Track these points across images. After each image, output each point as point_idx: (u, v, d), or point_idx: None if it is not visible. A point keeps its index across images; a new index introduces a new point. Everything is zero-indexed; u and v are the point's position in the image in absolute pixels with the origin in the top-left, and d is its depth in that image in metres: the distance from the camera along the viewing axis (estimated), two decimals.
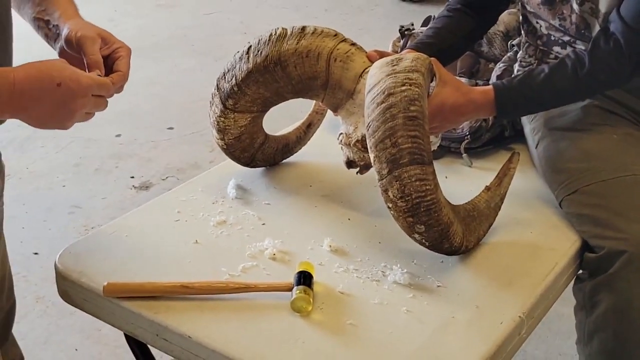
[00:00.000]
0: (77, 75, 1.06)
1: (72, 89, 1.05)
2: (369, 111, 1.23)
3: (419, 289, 1.24)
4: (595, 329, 1.38)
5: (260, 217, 1.42)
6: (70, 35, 1.17)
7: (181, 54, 4.33)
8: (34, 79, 1.03)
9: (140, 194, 2.94)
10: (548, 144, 1.55)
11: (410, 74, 1.24)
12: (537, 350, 2.17)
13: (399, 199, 1.20)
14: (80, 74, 1.06)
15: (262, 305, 1.19)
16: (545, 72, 1.41)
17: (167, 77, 4.00)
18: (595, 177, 1.43)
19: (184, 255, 1.31)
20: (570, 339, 2.15)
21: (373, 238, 1.37)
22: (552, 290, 1.30)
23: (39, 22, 1.21)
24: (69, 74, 1.05)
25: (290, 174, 1.59)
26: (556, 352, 2.17)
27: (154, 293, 1.20)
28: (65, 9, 1.21)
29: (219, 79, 1.44)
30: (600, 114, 1.54)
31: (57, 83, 1.03)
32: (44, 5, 1.20)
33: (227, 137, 1.47)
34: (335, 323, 1.16)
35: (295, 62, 1.38)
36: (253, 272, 1.27)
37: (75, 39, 1.16)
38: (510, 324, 1.17)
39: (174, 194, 1.52)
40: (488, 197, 1.36)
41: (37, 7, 1.20)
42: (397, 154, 1.19)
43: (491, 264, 1.31)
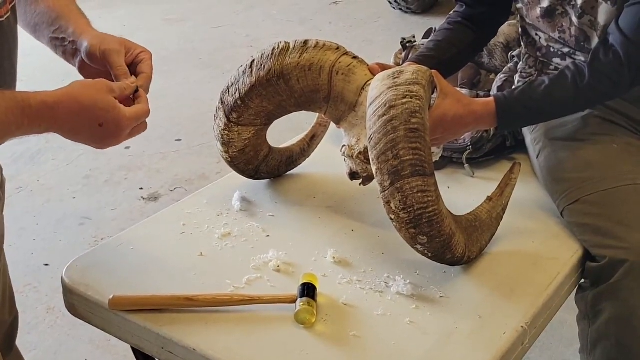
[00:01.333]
0: (119, 118, 1.08)
1: (112, 130, 1.08)
2: (371, 123, 1.22)
3: (422, 300, 1.22)
4: (599, 338, 1.37)
5: (264, 229, 1.41)
6: (94, 49, 1.17)
7: (189, 67, 4.34)
8: (76, 115, 1.04)
9: (149, 205, 2.94)
10: (549, 154, 1.54)
11: (411, 86, 1.23)
12: (540, 357, 2.15)
13: (401, 210, 1.19)
14: (123, 116, 1.08)
15: (266, 318, 1.18)
16: (546, 83, 1.39)
17: (176, 89, 4.01)
18: (596, 186, 1.42)
19: (189, 267, 1.30)
20: (574, 346, 2.13)
21: (376, 249, 1.36)
22: (554, 300, 1.29)
23: (55, 42, 1.21)
24: (112, 116, 1.07)
25: (294, 185, 1.58)
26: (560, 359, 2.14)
27: (159, 306, 1.18)
28: (78, 24, 1.22)
29: (223, 93, 1.44)
30: (600, 123, 1.53)
31: (99, 123, 1.06)
32: (57, 24, 1.21)
33: (232, 150, 1.46)
34: (339, 335, 1.15)
35: (298, 76, 1.37)
36: (257, 284, 1.26)
37: (100, 53, 1.17)
38: (513, 334, 1.16)
39: (180, 206, 1.51)
40: (490, 208, 1.34)
41: (52, 27, 1.21)
42: (399, 165, 1.18)
43: (493, 274, 1.29)
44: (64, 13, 1.22)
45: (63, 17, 1.22)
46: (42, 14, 1.21)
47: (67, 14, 1.23)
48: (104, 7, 5.43)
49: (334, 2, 5.56)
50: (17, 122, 1.00)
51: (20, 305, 1.36)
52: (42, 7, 1.22)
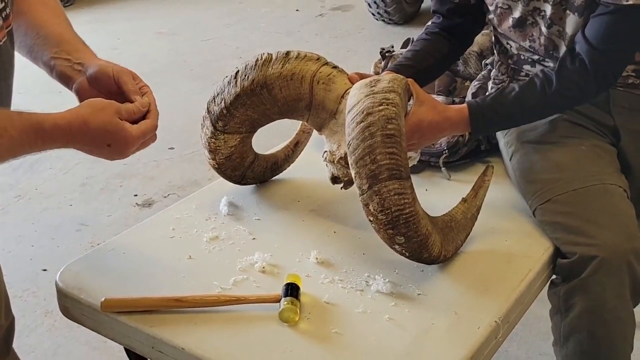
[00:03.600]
0: (126, 139, 1.12)
1: (120, 150, 1.12)
2: (349, 130, 1.23)
3: (401, 298, 1.23)
4: (571, 331, 1.37)
5: (250, 232, 1.41)
6: (108, 71, 1.21)
7: (181, 78, 4.33)
8: (85, 136, 1.09)
9: (143, 211, 2.93)
10: (521, 157, 1.55)
11: (388, 94, 1.23)
12: (519, 350, 2.15)
13: (379, 212, 1.19)
14: (129, 136, 1.12)
15: (252, 317, 1.18)
16: (516, 90, 1.40)
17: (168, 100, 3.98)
18: (566, 186, 1.43)
19: (178, 270, 1.30)
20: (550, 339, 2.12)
21: (357, 250, 1.36)
22: (526, 295, 1.29)
23: (57, 61, 1.22)
24: (119, 137, 1.11)
25: (279, 190, 1.58)
26: (537, 352, 2.15)
27: (149, 307, 1.18)
28: (86, 51, 1.25)
29: (209, 103, 1.44)
30: (568, 127, 1.54)
31: (107, 144, 1.11)
32: (62, 47, 1.22)
33: (218, 157, 1.46)
34: (321, 332, 1.15)
35: (280, 85, 1.38)
36: (244, 285, 1.26)
37: (114, 74, 1.21)
38: (487, 328, 1.16)
39: (169, 212, 1.51)
40: (465, 209, 1.35)
41: (54, 48, 1.22)
42: (376, 170, 1.18)
43: (469, 272, 1.30)
44: (70, 40, 1.24)
45: (70, 43, 1.23)
46: (45, 37, 1.22)
47: (74, 41, 1.25)
48: (98, 22, 5.42)
49: (320, 15, 5.57)
50: (30, 142, 1.04)
51: (19, 310, 1.36)
52: (46, 32, 1.23)
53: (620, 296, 1.32)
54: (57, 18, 1.25)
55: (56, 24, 1.24)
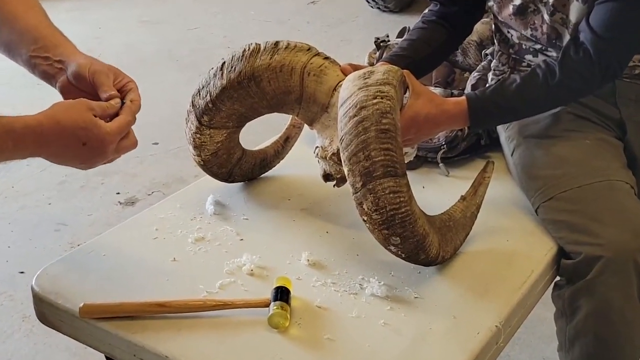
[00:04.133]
0: (102, 135, 1.10)
1: (96, 147, 1.10)
2: (342, 125, 1.22)
3: (397, 301, 1.22)
4: (577, 335, 1.37)
5: (238, 233, 1.41)
6: (83, 69, 1.19)
7: (166, 69, 4.32)
8: (58, 136, 1.07)
9: (126, 209, 2.92)
10: (523, 152, 1.55)
11: (382, 86, 1.22)
12: (521, 354, 2.15)
13: (373, 211, 1.19)
14: (104, 132, 1.10)
15: (240, 322, 1.17)
16: (517, 82, 1.40)
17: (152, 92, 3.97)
18: (570, 183, 1.43)
19: (162, 273, 1.29)
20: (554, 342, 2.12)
21: (351, 251, 1.36)
22: (529, 298, 1.29)
23: (36, 60, 1.20)
24: (94, 134, 1.09)
25: (269, 188, 1.58)
26: (540, 356, 2.15)
27: (130, 313, 1.18)
28: (66, 46, 1.23)
29: (193, 96, 1.43)
30: (572, 120, 1.54)
31: (82, 143, 1.09)
32: (40, 43, 1.20)
33: (204, 153, 1.45)
34: (313, 338, 1.14)
35: (269, 77, 1.37)
36: (231, 289, 1.25)
37: (89, 73, 1.18)
38: (487, 333, 1.16)
39: (152, 211, 1.50)
40: (464, 207, 1.35)
41: (32, 45, 1.21)
42: (370, 167, 1.18)
43: (468, 274, 1.30)
44: (48, 34, 1.22)
45: (47, 38, 1.22)
46: (20, 33, 1.21)
47: (51, 36, 1.23)
48: (79, 10, 5.39)
49: (312, 2, 5.55)
50: (1, 145, 1.02)
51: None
52: (21, 26, 1.21)
53: (627, 297, 1.32)
54: (32, 9, 1.23)
55: (31, 16, 1.22)
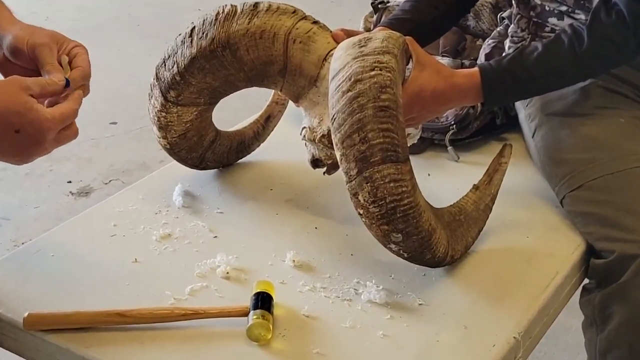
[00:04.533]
0: (40, 121, 1.06)
1: (32, 135, 1.06)
2: (334, 101, 1.22)
3: (398, 309, 1.23)
4: (609, 347, 1.38)
5: (211, 229, 1.41)
6: (20, 43, 1.17)
7: (126, 37, 4.31)
8: None
9: (79, 201, 2.93)
10: (546, 132, 1.55)
11: (381, 56, 1.22)
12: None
13: (370, 204, 1.18)
14: (43, 118, 1.07)
15: (214, 334, 1.17)
16: (539, 50, 1.40)
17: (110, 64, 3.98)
18: (601, 169, 1.43)
19: (121, 277, 1.29)
20: (581, 354, 2.14)
21: (344, 250, 1.36)
22: (552, 305, 1.30)
23: None
24: (29, 120, 1.05)
25: (247, 176, 1.58)
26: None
27: (84, 324, 1.17)
28: (3, 14, 1.21)
29: (158, 67, 1.43)
30: (604, 95, 1.54)
31: (15, 130, 1.05)
32: None
33: (171, 135, 1.45)
34: (300, 353, 1.14)
35: (247, 45, 1.37)
36: (203, 295, 1.25)
37: (28, 47, 1.16)
38: (504, 346, 1.16)
39: (110, 203, 1.50)
40: (477, 198, 1.35)
41: None
42: (367, 151, 1.17)
43: (481, 277, 1.30)
44: None
45: None
46: None
47: None
48: None
49: None
50: None
51: None
52: None
53: None
54: None
55: None
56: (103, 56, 4.06)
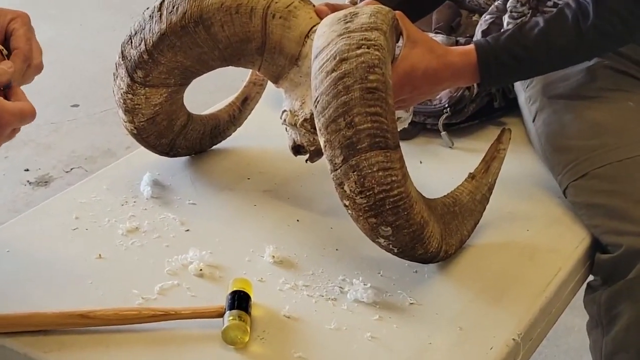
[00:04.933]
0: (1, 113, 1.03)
1: None
2: (317, 82, 1.22)
3: (387, 309, 1.23)
4: (615, 350, 1.39)
5: (183, 222, 1.41)
6: None
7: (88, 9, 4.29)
8: None
9: (37, 191, 2.92)
10: (548, 117, 1.56)
11: (368, 33, 1.22)
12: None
13: (357, 194, 1.18)
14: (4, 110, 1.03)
15: (186, 337, 1.17)
16: (540, 26, 1.40)
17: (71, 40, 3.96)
18: (608, 156, 1.44)
19: (84, 274, 1.28)
20: (584, 357, 2.17)
21: (328, 245, 1.36)
22: (554, 304, 1.30)
23: None
24: None
25: (222, 164, 1.58)
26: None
27: (44, 326, 1.17)
28: None
29: (123, 44, 1.42)
30: (611, 76, 1.55)
31: None
32: None
33: (138, 119, 1.45)
34: (280, 357, 1.15)
35: (222, 21, 1.36)
36: (174, 294, 1.25)
37: None
38: (502, 349, 1.17)
39: (71, 194, 1.50)
40: (473, 188, 1.35)
41: None
42: (354, 136, 1.17)
43: (478, 273, 1.31)
44: None
45: None
46: None
47: None
48: None
49: None
50: None
51: None
52: None
53: None
54: None
55: None
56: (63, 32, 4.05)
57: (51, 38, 3.91)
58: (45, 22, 4.00)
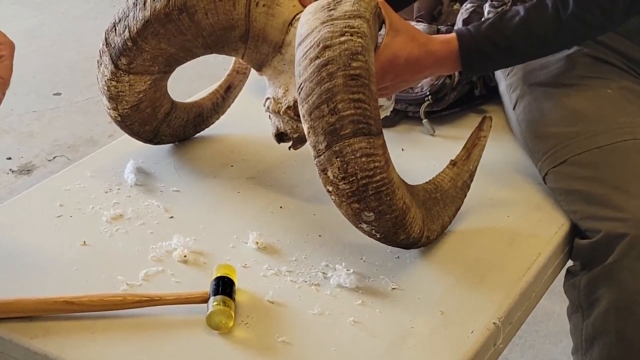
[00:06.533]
0: None
1: None
2: (301, 69, 1.22)
3: (370, 294, 1.23)
4: (595, 334, 1.39)
5: (167, 209, 1.41)
6: None
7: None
8: None
9: (19, 179, 2.90)
10: (528, 104, 1.56)
11: (352, 20, 1.22)
12: (522, 357, 2.20)
13: (340, 180, 1.19)
14: None
15: (171, 323, 1.17)
16: (521, 14, 1.40)
17: (52, 28, 3.94)
18: (587, 143, 1.44)
19: (68, 261, 1.28)
20: (563, 342, 2.19)
21: (311, 231, 1.36)
22: (534, 288, 1.31)
23: None
24: None
25: (205, 151, 1.58)
26: (546, 359, 2.20)
27: (28, 312, 1.17)
28: None
29: (107, 32, 1.41)
30: (591, 64, 1.56)
31: None
32: None
33: (122, 106, 1.44)
34: (264, 341, 1.15)
35: (205, 8, 1.36)
36: (158, 280, 1.25)
37: None
38: (483, 332, 1.17)
39: (55, 181, 1.50)
40: (454, 174, 1.36)
41: None
42: (337, 123, 1.17)
43: (459, 259, 1.31)
44: None
45: None
46: None
47: None
48: None
49: None
50: None
51: None
52: None
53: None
54: None
55: None
56: (44, 20, 4.02)
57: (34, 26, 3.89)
58: (28, 10, 3.98)
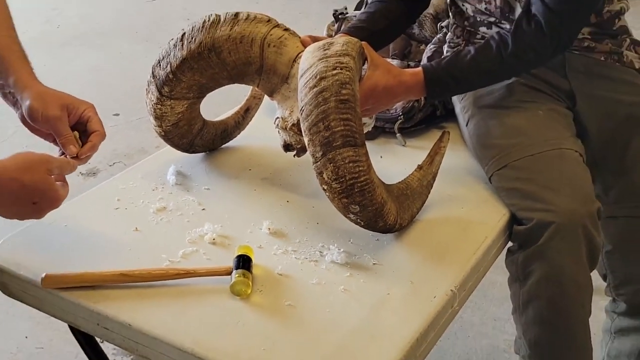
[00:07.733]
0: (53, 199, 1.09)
1: (43, 208, 1.10)
2: (302, 95, 1.21)
3: (356, 268, 1.22)
4: (530, 299, 1.38)
5: (200, 203, 1.39)
6: (36, 114, 1.15)
7: (125, 40, 4.23)
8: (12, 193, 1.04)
9: (87, 180, 2.87)
10: (477, 122, 1.55)
11: (341, 57, 1.21)
12: (473, 316, 2.19)
13: (333, 180, 1.18)
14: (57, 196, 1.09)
15: (202, 290, 1.16)
16: (472, 53, 1.40)
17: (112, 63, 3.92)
18: (523, 152, 1.43)
19: (124, 243, 1.27)
20: (504, 305, 2.18)
21: (311, 219, 1.35)
22: (482, 263, 1.30)
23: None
24: (48, 197, 1.08)
25: (230, 158, 1.56)
26: (491, 318, 2.19)
27: (93, 283, 1.16)
28: (20, 73, 1.17)
29: (154, 67, 1.40)
30: (525, 91, 1.54)
31: (33, 202, 1.07)
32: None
33: (165, 124, 1.43)
34: (274, 305, 1.14)
35: (229, 48, 1.35)
36: (193, 258, 1.24)
37: (42, 118, 1.15)
38: (443, 297, 1.17)
39: (114, 182, 1.48)
40: (420, 176, 1.35)
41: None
42: (330, 136, 1.17)
43: (425, 240, 1.30)
44: (4, 54, 1.16)
45: (3, 60, 1.15)
46: None
47: (8, 56, 1.16)
48: None
49: None
50: None
51: None
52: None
53: (577, 262, 1.34)
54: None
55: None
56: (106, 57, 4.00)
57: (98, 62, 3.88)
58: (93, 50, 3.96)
